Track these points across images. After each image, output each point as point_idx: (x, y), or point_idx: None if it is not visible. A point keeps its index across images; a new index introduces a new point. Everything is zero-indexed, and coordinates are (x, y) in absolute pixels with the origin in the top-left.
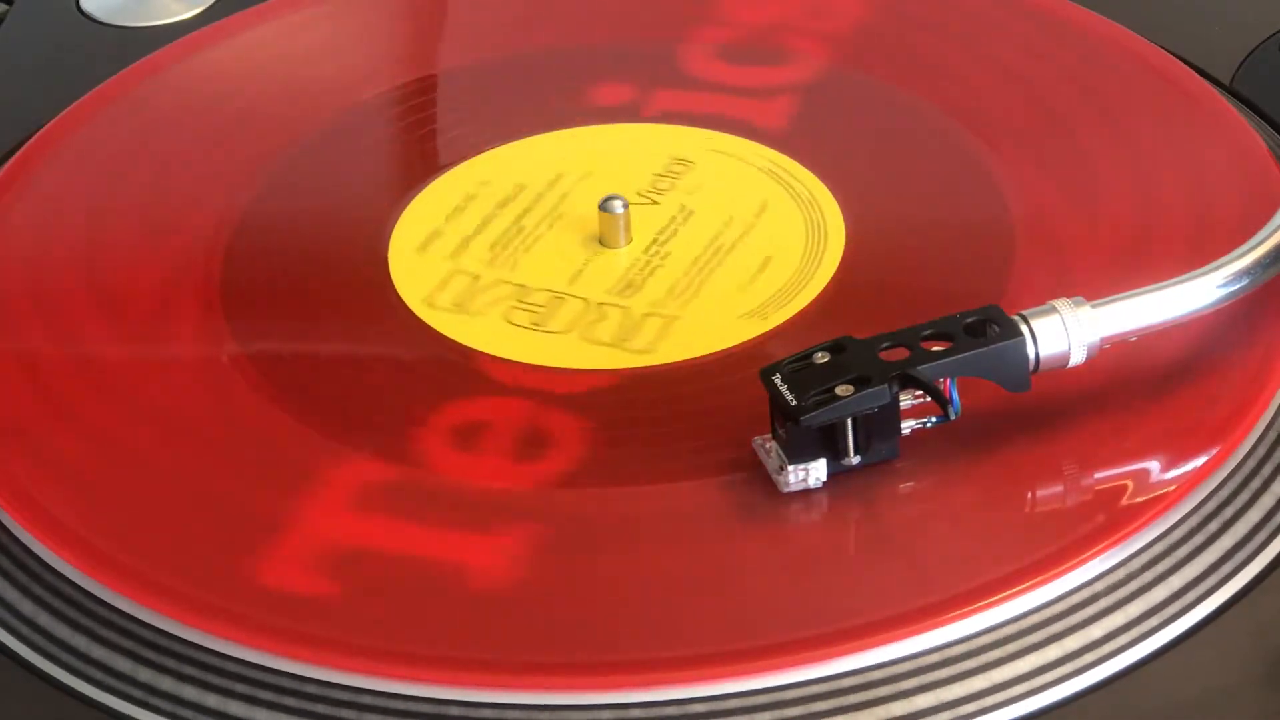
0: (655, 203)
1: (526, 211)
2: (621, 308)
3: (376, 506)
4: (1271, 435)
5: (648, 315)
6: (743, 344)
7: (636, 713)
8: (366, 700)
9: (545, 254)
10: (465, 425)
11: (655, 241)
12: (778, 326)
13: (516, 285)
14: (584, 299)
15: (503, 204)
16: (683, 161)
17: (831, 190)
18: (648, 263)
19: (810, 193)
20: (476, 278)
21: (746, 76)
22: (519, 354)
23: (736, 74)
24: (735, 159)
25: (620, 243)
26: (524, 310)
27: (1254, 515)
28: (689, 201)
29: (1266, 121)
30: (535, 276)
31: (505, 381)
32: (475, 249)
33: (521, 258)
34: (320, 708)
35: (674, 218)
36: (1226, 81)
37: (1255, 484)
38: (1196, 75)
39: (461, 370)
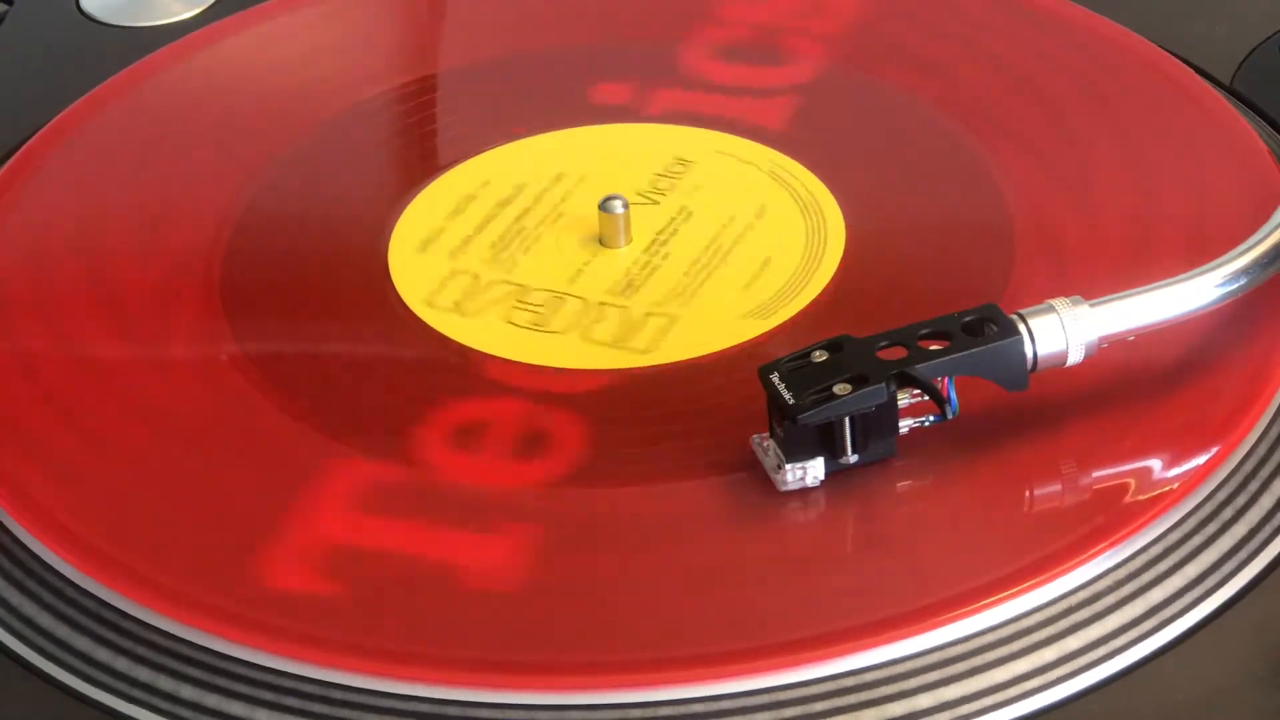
0: (655, 203)
1: (526, 211)
2: (621, 308)
3: (376, 506)
4: (1272, 435)
5: (648, 315)
6: (743, 344)
7: (636, 713)
8: (365, 700)
9: (545, 254)
10: (465, 425)
11: (655, 241)
12: (778, 326)
13: (516, 285)
14: (584, 299)
15: (503, 204)
16: (683, 161)
17: (831, 190)
18: (648, 263)
19: (810, 193)
20: (477, 278)
21: (747, 76)
22: (519, 354)
23: (736, 74)
24: (735, 159)
25: (620, 243)
26: (524, 310)
27: (1254, 515)
28: (689, 201)
29: (1266, 121)
30: (535, 276)
31: (505, 381)
32: (475, 249)
33: (521, 258)
34: (319, 707)
35: (674, 218)
36: (1226, 81)
37: (1255, 484)
38: (1196, 75)
39: (461, 370)
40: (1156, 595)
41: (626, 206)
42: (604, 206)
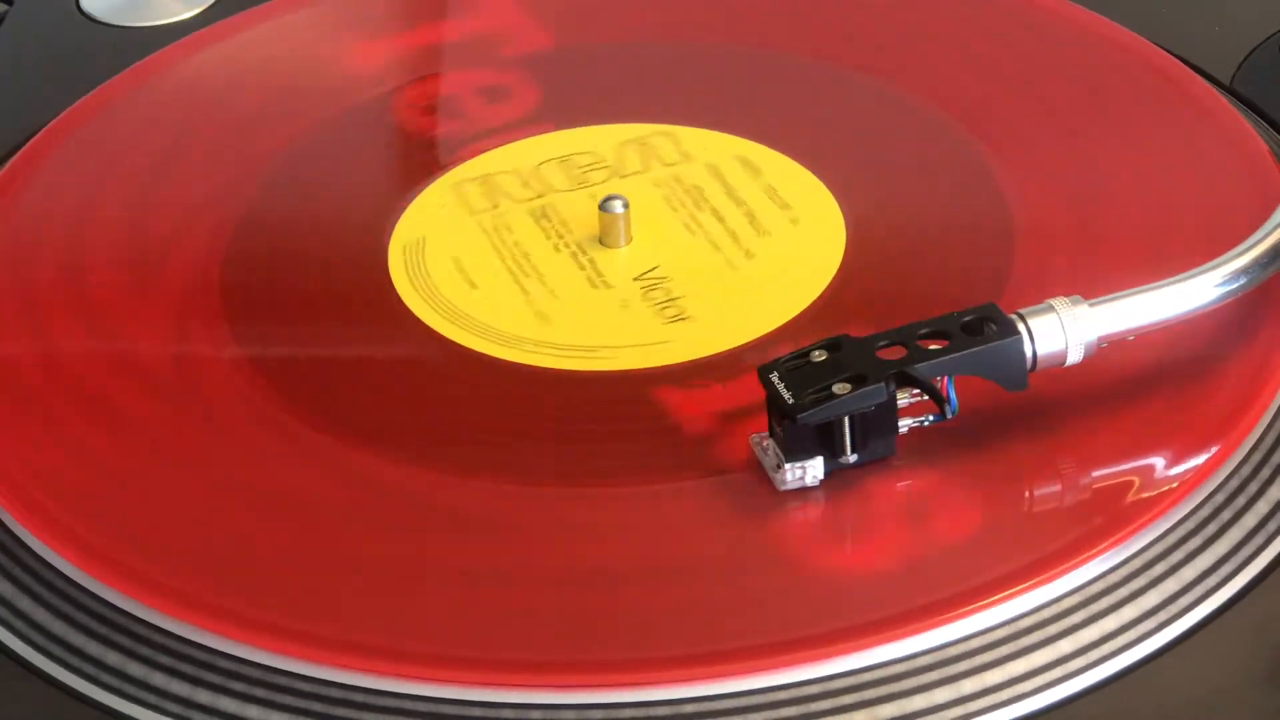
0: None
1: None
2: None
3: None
4: (1272, 435)
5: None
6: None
7: (629, 712)
8: (363, 699)
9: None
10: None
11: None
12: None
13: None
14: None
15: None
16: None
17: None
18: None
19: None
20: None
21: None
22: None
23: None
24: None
25: (620, 242)
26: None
27: (1254, 515)
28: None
29: (1266, 121)
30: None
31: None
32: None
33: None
34: (317, 705)
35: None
36: (1226, 81)
37: (1255, 485)
38: (1196, 75)
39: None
40: (1156, 596)
41: (626, 206)
42: (604, 206)
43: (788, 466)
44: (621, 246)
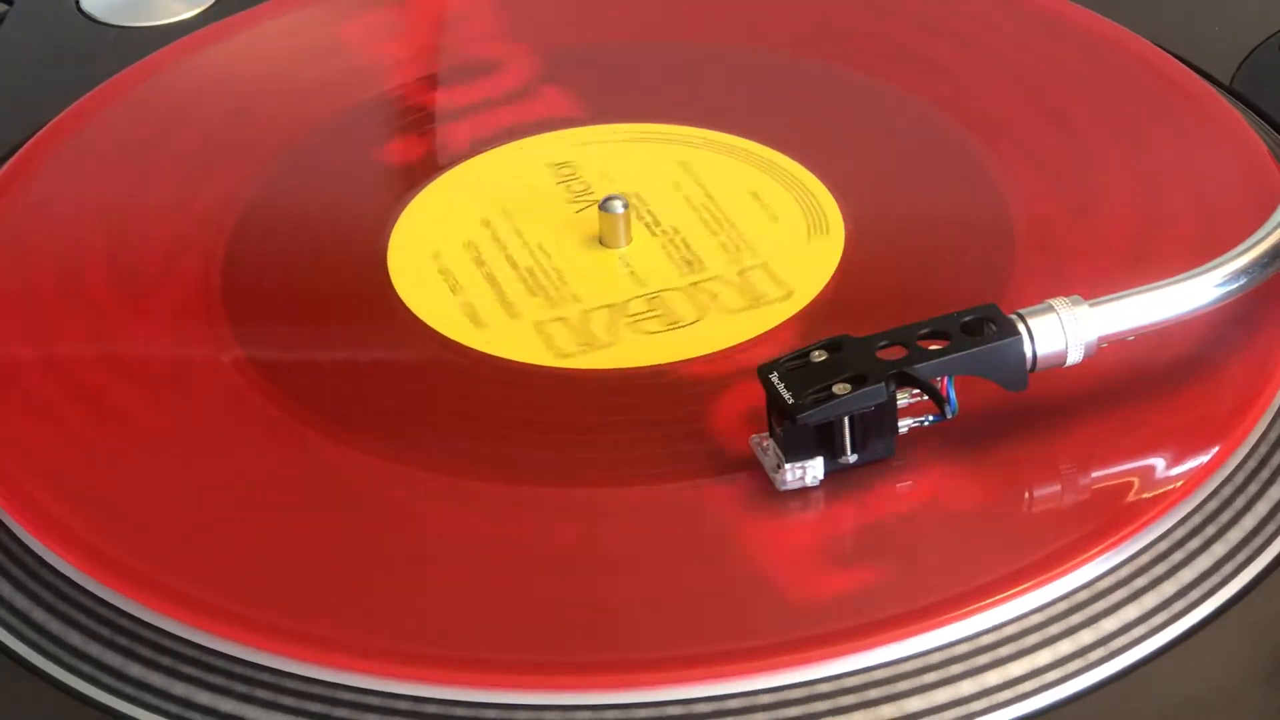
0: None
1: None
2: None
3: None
4: (1272, 435)
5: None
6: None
7: (618, 714)
8: (363, 700)
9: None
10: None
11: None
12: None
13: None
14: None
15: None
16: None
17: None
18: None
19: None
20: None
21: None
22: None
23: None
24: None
25: (620, 243)
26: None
27: (1254, 516)
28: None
29: (1266, 121)
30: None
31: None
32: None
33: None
34: (316, 706)
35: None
36: (1226, 81)
37: (1255, 485)
38: (1196, 75)
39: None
40: (1156, 596)
41: (626, 206)
42: (604, 207)
43: (787, 467)
44: (621, 246)
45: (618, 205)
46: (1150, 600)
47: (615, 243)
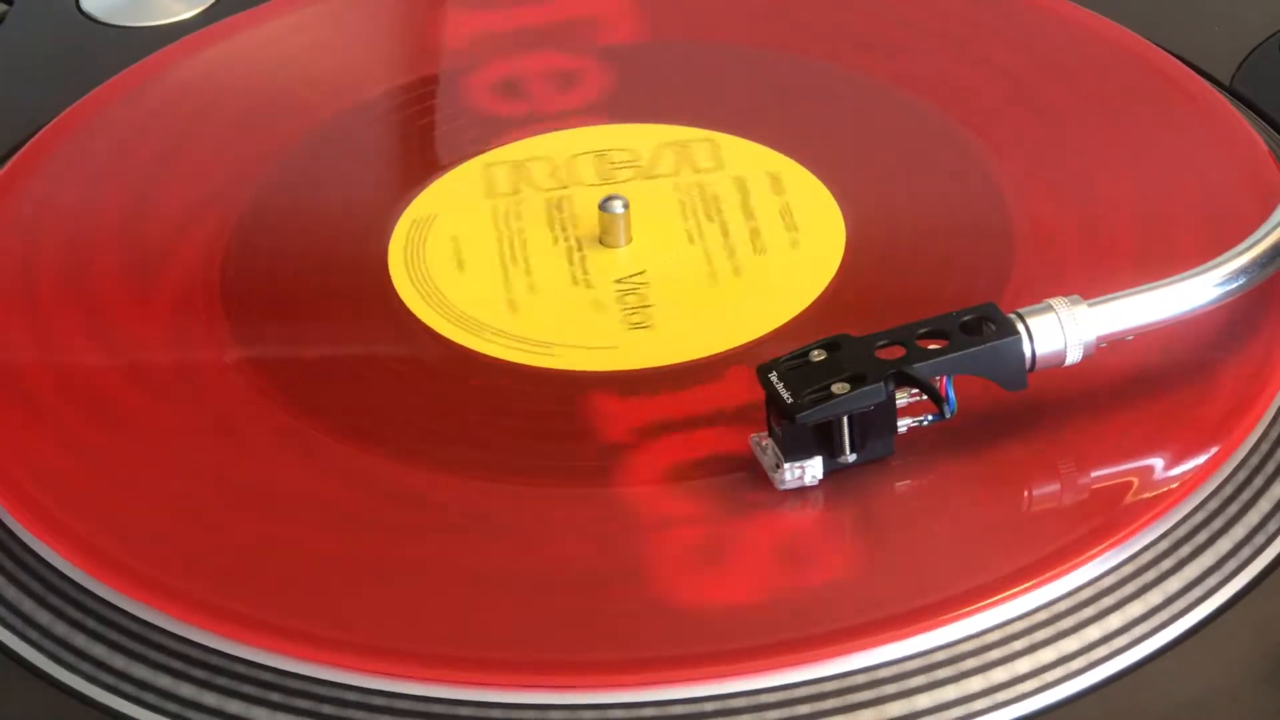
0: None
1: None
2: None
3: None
4: (1272, 436)
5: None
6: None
7: (619, 713)
8: (366, 700)
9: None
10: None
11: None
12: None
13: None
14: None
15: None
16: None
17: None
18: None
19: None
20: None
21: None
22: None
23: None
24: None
25: (620, 242)
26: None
27: (1254, 516)
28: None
29: (1266, 121)
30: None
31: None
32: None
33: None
34: (327, 708)
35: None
36: (1226, 81)
37: (1256, 484)
38: (1196, 75)
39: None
40: (1156, 596)
41: (626, 206)
42: (604, 206)
43: (786, 466)
44: (621, 246)
45: (617, 205)
46: (1150, 600)
47: (615, 242)
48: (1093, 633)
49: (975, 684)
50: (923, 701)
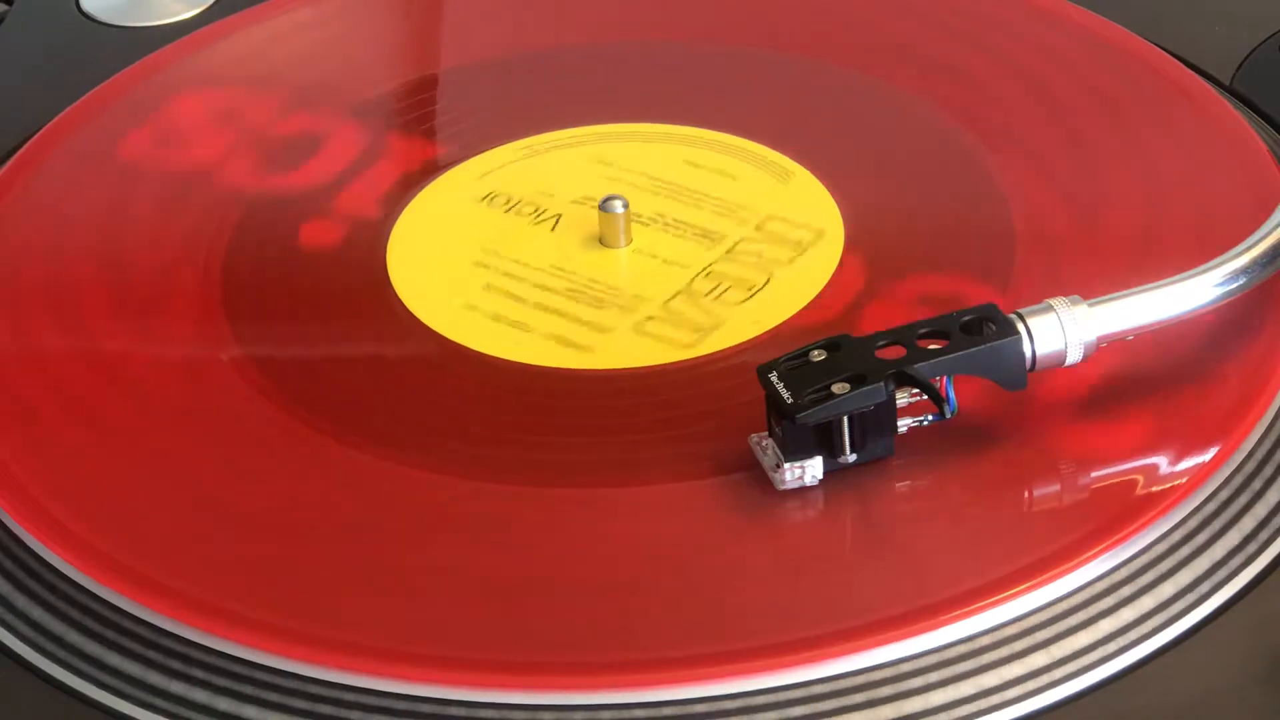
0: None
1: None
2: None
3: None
4: (1272, 435)
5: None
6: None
7: (610, 714)
8: (363, 699)
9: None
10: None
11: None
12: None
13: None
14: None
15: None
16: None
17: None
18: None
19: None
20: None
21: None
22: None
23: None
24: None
25: (620, 243)
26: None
27: (1254, 516)
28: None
29: (1266, 121)
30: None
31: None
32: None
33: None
34: (324, 708)
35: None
36: (1226, 81)
37: (1257, 484)
38: (1196, 75)
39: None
40: (1156, 596)
41: (626, 207)
42: (604, 207)
43: (786, 466)
44: (621, 247)
45: (617, 205)
46: (1150, 600)
47: (615, 243)
48: (1092, 633)
49: (975, 685)
50: (923, 702)
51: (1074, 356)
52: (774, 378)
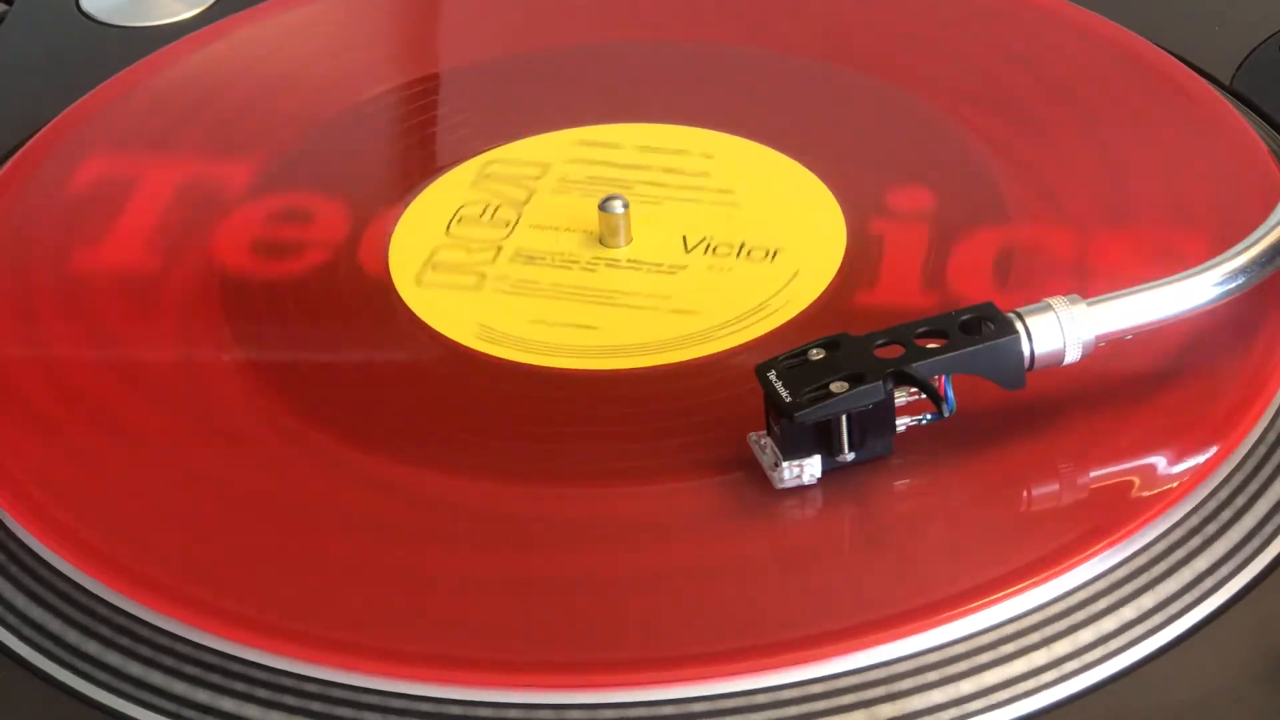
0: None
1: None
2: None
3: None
4: (1272, 435)
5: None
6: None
7: (612, 713)
8: (361, 699)
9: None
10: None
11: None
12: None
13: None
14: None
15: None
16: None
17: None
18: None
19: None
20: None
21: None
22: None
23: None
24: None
25: (620, 242)
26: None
27: (1254, 516)
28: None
29: (1266, 121)
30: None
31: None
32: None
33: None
34: (324, 707)
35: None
36: (1226, 81)
37: (1256, 483)
38: (1196, 75)
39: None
40: (1155, 596)
41: (626, 206)
42: (604, 206)
43: (785, 465)
44: (621, 246)
45: (617, 205)
46: (1149, 600)
47: (615, 242)
48: (1092, 633)
49: (973, 684)
50: (922, 701)
51: (1073, 355)
52: (772, 376)
